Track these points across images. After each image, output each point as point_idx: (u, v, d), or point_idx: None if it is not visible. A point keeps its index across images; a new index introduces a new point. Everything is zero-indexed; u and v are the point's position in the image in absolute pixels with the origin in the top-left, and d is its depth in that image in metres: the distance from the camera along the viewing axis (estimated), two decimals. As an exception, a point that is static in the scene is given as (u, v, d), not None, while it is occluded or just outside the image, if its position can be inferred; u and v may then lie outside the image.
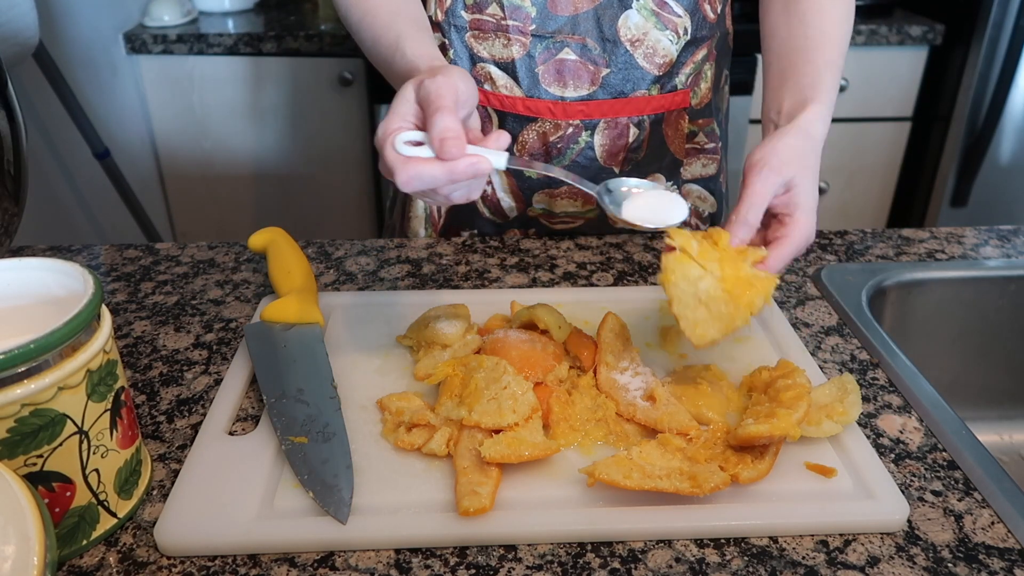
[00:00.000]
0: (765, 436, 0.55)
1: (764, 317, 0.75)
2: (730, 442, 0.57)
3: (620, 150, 0.89)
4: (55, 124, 1.59)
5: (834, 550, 0.52)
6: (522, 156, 0.89)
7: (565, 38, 0.83)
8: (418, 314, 0.72)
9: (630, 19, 0.83)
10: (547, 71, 0.85)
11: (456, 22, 0.86)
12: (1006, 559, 0.51)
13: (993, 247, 0.91)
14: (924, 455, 0.60)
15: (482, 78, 0.87)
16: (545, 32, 0.83)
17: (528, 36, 0.83)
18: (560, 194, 0.92)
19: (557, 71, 0.85)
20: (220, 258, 0.87)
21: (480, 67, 0.87)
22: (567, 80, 0.85)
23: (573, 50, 0.84)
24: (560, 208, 0.93)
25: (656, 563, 0.51)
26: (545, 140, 0.88)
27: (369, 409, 0.63)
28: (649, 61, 0.85)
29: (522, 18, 0.83)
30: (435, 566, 0.50)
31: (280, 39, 1.83)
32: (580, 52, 0.84)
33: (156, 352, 0.71)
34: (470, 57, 0.87)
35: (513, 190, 0.93)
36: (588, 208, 0.93)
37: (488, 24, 0.85)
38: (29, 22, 1.26)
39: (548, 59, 0.84)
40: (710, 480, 0.53)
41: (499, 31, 0.84)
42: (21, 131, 0.66)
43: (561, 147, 0.88)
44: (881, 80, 1.97)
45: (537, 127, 0.87)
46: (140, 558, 0.51)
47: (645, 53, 0.84)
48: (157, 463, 0.59)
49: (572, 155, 0.89)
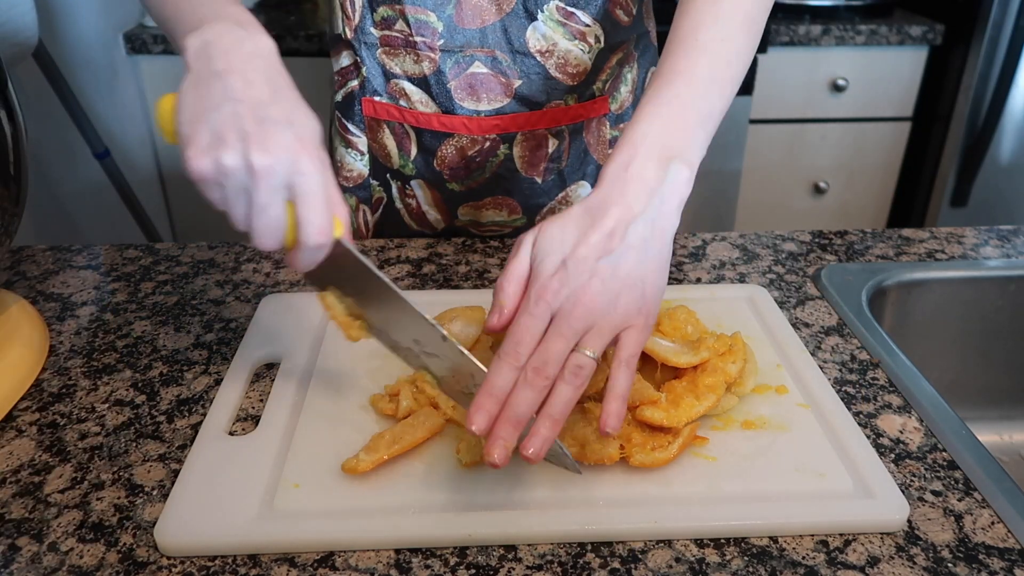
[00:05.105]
0: (658, 423, 0.56)
1: (764, 317, 0.75)
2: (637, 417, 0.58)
3: (540, 160, 0.88)
4: (55, 124, 1.59)
5: (834, 550, 0.52)
6: (443, 170, 0.89)
7: (474, 52, 0.82)
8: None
9: (537, 30, 0.82)
10: (459, 86, 0.84)
11: (366, 39, 0.85)
12: (1006, 559, 0.51)
13: (993, 247, 0.91)
14: (924, 455, 0.60)
15: (397, 94, 0.86)
16: (453, 47, 0.82)
17: (437, 52, 0.82)
18: (485, 205, 0.92)
19: (469, 85, 0.83)
20: (220, 258, 0.87)
21: (394, 83, 0.86)
22: (480, 94, 0.84)
23: (484, 63, 0.82)
24: (487, 218, 0.93)
25: (656, 563, 0.51)
26: (464, 154, 0.87)
27: (369, 410, 0.63)
28: (562, 71, 0.84)
29: (429, 33, 0.82)
30: (435, 566, 0.50)
31: (280, 39, 1.83)
32: (491, 65, 0.82)
33: (156, 352, 0.71)
34: (383, 73, 0.86)
35: (437, 203, 0.93)
36: (514, 217, 0.93)
37: (397, 40, 0.83)
38: (28, 22, 1.26)
39: (459, 74, 0.83)
40: (598, 452, 0.54)
41: (408, 47, 0.83)
42: (21, 131, 0.66)
43: (480, 160, 0.88)
44: (881, 80, 1.97)
45: (455, 142, 0.87)
46: (140, 558, 0.51)
47: (557, 64, 0.83)
48: (157, 463, 0.59)
49: (492, 167, 0.88)
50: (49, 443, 0.60)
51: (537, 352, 0.51)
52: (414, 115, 0.86)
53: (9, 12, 1.20)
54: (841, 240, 0.93)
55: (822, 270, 0.85)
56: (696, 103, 0.57)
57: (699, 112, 0.57)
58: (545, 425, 0.50)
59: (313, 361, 0.68)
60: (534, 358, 0.51)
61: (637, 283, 0.53)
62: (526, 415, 0.50)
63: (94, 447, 0.60)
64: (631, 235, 0.53)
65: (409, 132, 0.88)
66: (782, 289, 0.82)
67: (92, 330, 0.75)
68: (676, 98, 0.57)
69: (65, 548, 0.52)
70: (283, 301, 0.77)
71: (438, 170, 0.89)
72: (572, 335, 0.51)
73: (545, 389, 0.51)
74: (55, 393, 0.66)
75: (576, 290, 0.52)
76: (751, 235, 0.93)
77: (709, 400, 0.59)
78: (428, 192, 0.92)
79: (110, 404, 0.65)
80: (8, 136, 0.63)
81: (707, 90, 0.58)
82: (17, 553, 0.51)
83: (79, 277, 0.84)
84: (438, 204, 0.93)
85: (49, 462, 0.59)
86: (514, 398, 0.50)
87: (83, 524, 0.53)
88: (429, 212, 0.94)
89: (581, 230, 0.53)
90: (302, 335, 0.71)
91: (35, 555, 0.51)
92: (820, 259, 0.88)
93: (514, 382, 0.51)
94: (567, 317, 0.51)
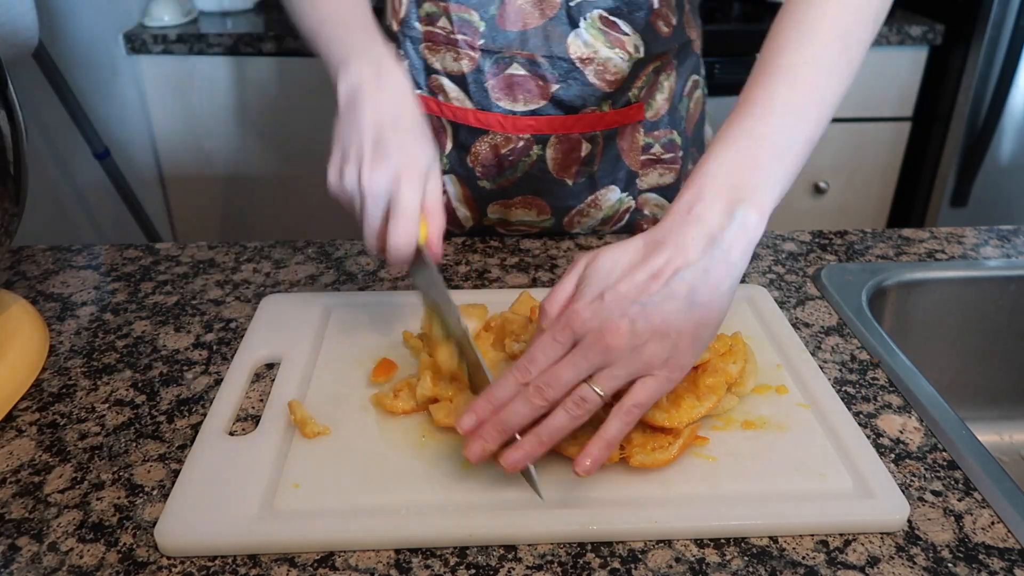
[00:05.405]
0: (659, 424, 0.56)
1: (764, 317, 0.75)
2: None
3: (573, 163, 0.89)
4: (55, 124, 1.59)
5: (834, 550, 0.52)
6: (476, 167, 0.90)
7: (514, 53, 0.83)
8: (418, 314, 0.72)
9: (579, 37, 0.82)
10: (497, 85, 0.84)
11: (410, 33, 0.86)
12: (1006, 559, 0.51)
13: (993, 247, 0.91)
14: (924, 455, 0.60)
15: (435, 89, 0.87)
16: (493, 47, 0.82)
17: (477, 51, 0.83)
18: (514, 204, 0.92)
19: (507, 85, 0.84)
20: (220, 258, 0.87)
21: (434, 78, 0.87)
22: (517, 94, 0.84)
23: (522, 65, 0.83)
24: (515, 217, 0.94)
25: (656, 563, 0.51)
26: (497, 152, 0.88)
27: (369, 410, 0.63)
28: (600, 78, 0.84)
29: (471, 32, 0.82)
30: (435, 566, 0.50)
31: (280, 39, 1.83)
32: (529, 67, 0.83)
33: (156, 352, 0.71)
34: (424, 68, 0.87)
35: (468, 200, 0.93)
36: (543, 217, 0.93)
37: (439, 36, 0.84)
38: (28, 22, 1.26)
39: (498, 74, 0.84)
40: None
41: (449, 44, 0.84)
42: (21, 131, 0.65)
43: (512, 159, 0.88)
44: (881, 80, 1.97)
45: (489, 139, 0.87)
46: (140, 558, 0.51)
47: (596, 71, 0.83)
48: (157, 463, 0.59)
49: (524, 167, 0.89)
50: (49, 443, 0.60)
51: (545, 372, 0.51)
52: (451, 110, 0.87)
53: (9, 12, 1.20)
54: (841, 240, 0.93)
55: (822, 270, 0.85)
56: (772, 137, 0.53)
57: (776, 147, 0.53)
58: (531, 442, 0.50)
59: (313, 361, 0.68)
60: (540, 377, 0.51)
61: (669, 333, 0.50)
62: (514, 428, 0.50)
63: (94, 447, 0.60)
64: (676, 282, 0.50)
65: (446, 127, 0.89)
66: (782, 289, 0.82)
67: (92, 330, 0.75)
68: (749, 133, 0.54)
69: (65, 548, 0.52)
70: (283, 301, 0.77)
71: (471, 167, 0.90)
72: (585, 368, 0.50)
73: (540, 410, 0.50)
74: (55, 393, 0.66)
75: (604, 324, 0.50)
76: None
77: (710, 401, 0.59)
78: (460, 188, 0.93)
79: (110, 404, 0.65)
80: (8, 136, 0.63)
81: (785, 121, 0.54)
82: (17, 553, 0.51)
83: (79, 277, 0.84)
84: (468, 201, 0.94)
85: (49, 462, 0.59)
86: (508, 408, 0.51)
87: (83, 524, 0.53)
88: (459, 208, 0.94)
89: (631, 264, 0.51)
90: (302, 335, 0.71)
91: (35, 555, 0.51)
92: (820, 259, 0.88)
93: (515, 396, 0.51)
94: (586, 349, 0.50)
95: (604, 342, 0.50)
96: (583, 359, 0.50)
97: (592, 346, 0.50)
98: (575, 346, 0.51)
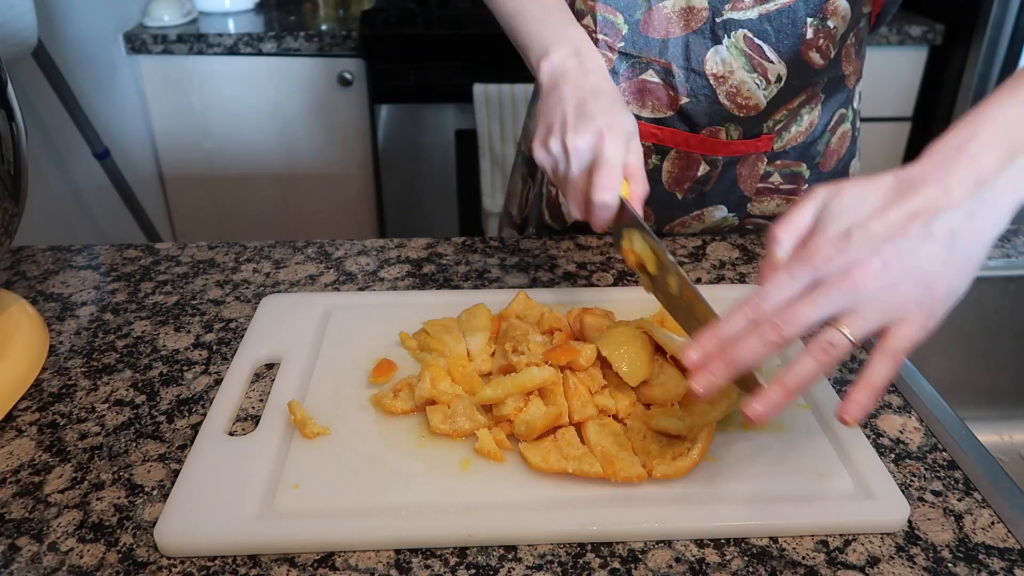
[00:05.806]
0: (675, 432, 0.56)
1: (764, 317, 0.75)
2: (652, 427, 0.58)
3: (687, 180, 0.88)
4: (55, 124, 1.59)
5: (834, 550, 0.52)
6: None
7: (651, 60, 0.82)
8: (418, 314, 0.72)
9: (719, 54, 0.80)
10: (628, 88, 0.84)
11: None
12: (1006, 559, 0.51)
13: (993, 247, 0.91)
14: (924, 455, 0.60)
15: None
16: (632, 51, 0.82)
17: (615, 53, 0.83)
18: None
19: (639, 90, 0.84)
20: (220, 258, 0.87)
21: None
22: (646, 100, 0.84)
23: (657, 73, 0.83)
24: None
25: (656, 563, 0.51)
26: None
27: (368, 410, 0.63)
28: (731, 99, 0.82)
29: (613, 34, 0.82)
30: (435, 566, 0.50)
31: (280, 39, 1.83)
32: (663, 76, 0.83)
33: (156, 352, 0.71)
34: None
35: None
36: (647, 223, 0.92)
37: None
38: (28, 22, 1.26)
39: (631, 77, 0.84)
40: (626, 469, 0.54)
41: None
42: (21, 131, 0.66)
43: None
44: (881, 80, 1.97)
45: None
46: (140, 558, 0.51)
47: (728, 91, 0.82)
48: (157, 463, 0.59)
49: None
50: (49, 443, 0.60)
51: (783, 310, 0.47)
52: None
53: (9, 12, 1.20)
54: (841, 240, 0.92)
55: (822, 270, 0.85)
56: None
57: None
58: (776, 391, 0.47)
59: (313, 361, 0.68)
60: (778, 314, 0.47)
61: (925, 279, 0.46)
62: (744, 362, 0.47)
63: (94, 447, 0.60)
64: (937, 224, 0.46)
65: None
66: (782, 289, 0.82)
67: (92, 330, 0.75)
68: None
69: (65, 548, 0.52)
70: (283, 301, 0.77)
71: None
72: (828, 308, 0.46)
73: (773, 347, 0.46)
74: (55, 393, 0.66)
75: (851, 263, 0.46)
76: (751, 235, 0.93)
77: (723, 404, 0.58)
78: None
79: (110, 404, 0.65)
80: (8, 136, 0.63)
81: None
82: (17, 553, 0.51)
83: (79, 277, 0.84)
84: None
85: (49, 462, 0.59)
86: (741, 343, 0.47)
87: (83, 524, 0.53)
88: (564, 204, 0.94)
89: (883, 202, 0.47)
90: (302, 335, 0.71)
91: (35, 555, 0.51)
92: (820, 259, 0.88)
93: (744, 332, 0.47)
94: (828, 288, 0.46)
95: (850, 281, 0.46)
96: (825, 298, 0.46)
97: (836, 284, 0.46)
98: (813, 286, 0.47)
